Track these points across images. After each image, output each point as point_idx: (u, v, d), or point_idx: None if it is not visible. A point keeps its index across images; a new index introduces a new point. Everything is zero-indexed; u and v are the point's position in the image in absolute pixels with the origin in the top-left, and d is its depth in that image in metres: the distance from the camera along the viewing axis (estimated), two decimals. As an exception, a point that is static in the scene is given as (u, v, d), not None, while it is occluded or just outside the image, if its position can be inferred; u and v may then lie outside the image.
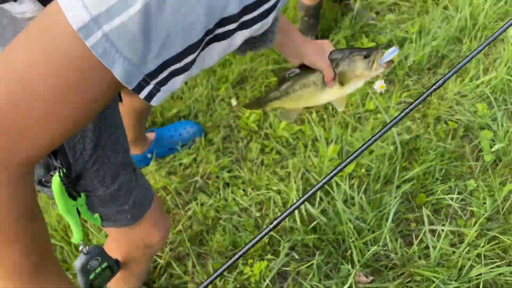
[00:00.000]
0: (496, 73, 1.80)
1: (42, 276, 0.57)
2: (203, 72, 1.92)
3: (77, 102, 0.44)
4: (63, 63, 0.41)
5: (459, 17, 1.98)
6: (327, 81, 1.01)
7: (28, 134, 0.44)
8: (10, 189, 0.47)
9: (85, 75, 0.42)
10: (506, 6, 2.09)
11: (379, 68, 1.00)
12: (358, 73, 1.02)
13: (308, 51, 1.00)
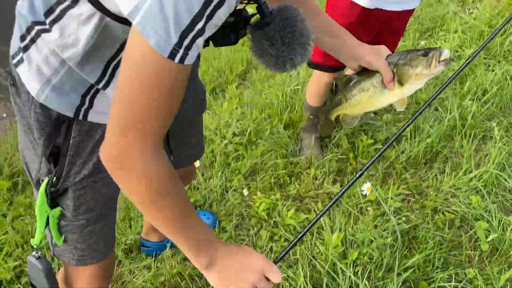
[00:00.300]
0: (486, 168, 1.96)
1: (190, 220, 0.77)
2: (218, 165, 2.11)
3: (174, 95, 0.67)
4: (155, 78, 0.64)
5: (448, 117, 2.19)
6: (386, 83, 1.01)
7: (153, 120, 0.67)
8: (160, 151, 0.70)
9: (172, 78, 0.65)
10: (493, 107, 2.31)
11: (438, 66, 0.99)
12: (418, 71, 1.01)
13: (363, 52, 1.03)
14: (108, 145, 0.69)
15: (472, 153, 2.07)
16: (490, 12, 2.90)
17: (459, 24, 2.92)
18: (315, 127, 2.18)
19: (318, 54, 1.83)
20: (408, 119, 2.23)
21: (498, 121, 2.22)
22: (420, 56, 0.99)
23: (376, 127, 2.26)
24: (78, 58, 0.79)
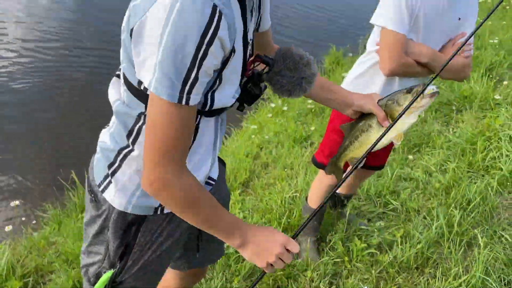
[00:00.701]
0: (473, 273, 2.06)
1: (220, 213, 1.00)
2: (219, 266, 2.22)
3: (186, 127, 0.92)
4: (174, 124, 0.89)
5: (436, 225, 2.35)
6: (381, 121, 1.16)
7: (176, 148, 0.91)
8: (186, 169, 0.95)
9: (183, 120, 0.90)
10: (477, 216, 2.47)
11: (423, 99, 1.10)
12: (402, 101, 1.13)
13: (355, 98, 1.23)
14: (149, 175, 0.92)
15: (460, 258, 2.18)
16: (471, 131, 3.20)
17: (443, 142, 3.21)
18: (314, 229, 2.33)
19: (323, 156, 2.06)
20: (399, 225, 2.38)
21: (482, 229, 2.36)
22: (405, 92, 1.14)
23: (369, 232, 2.41)
24: None
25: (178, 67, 0.83)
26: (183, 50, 0.81)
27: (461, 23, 1.79)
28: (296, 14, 7.26)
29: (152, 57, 0.83)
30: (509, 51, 4.72)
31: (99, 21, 5.97)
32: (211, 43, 0.83)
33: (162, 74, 0.83)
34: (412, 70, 1.77)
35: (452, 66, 1.78)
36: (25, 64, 4.91)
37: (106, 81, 1.13)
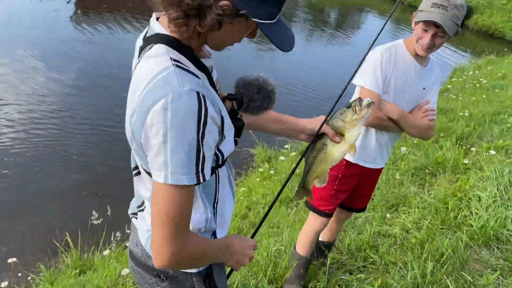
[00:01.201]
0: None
1: (210, 249, 1.14)
2: None
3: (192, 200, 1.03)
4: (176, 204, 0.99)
5: (410, 275, 2.52)
6: (332, 138, 1.32)
7: (184, 220, 1.02)
8: (190, 233, 1.06)
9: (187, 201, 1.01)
10: (450, 267, 2.65)
11: (363, 110, 1.25)
12: (349, 121, 1.28)
13: (305, 123, 1.38)
14: (162, 252, 1.00)
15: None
16: (444, 192, 3.46)
17: (419, 202, 3.45)
18: (299, 278, 2.48)
19: (314, 198, 2.29)
20: (378, 276, 2.52)
21: (455, 278, 2.53)
22: (345, 108, 1.29)
23: (349, 282, 2.56)
24: None
25: (189, 154, 0.94)
26: (188, 140, 0.93)
27: (426, 92, 2.12)
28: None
29: (160, 157, 0.95)
30: (479, 123, 5.14)
31: (98, 96, 6.37)
32: (206, 124, 0.95)
33: (175, 167, 0.94)
34: (384, 124, 2.06)
35: (419, 126, 2.09)
36: (19, 140, 5.18)
37: (101, 155, 1.32)
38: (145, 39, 1.06)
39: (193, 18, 0.95)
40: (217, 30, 0.97)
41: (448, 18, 1.83)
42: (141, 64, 1.02)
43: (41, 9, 9.26)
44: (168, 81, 0.94)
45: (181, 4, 0.93)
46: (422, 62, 2.06)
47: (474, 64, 9.65)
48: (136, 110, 0.98)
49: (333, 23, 13.58)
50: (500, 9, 14.70)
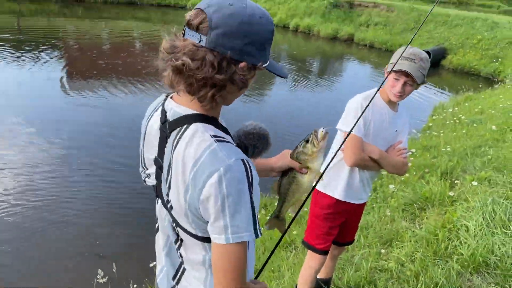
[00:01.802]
0: None
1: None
2: None
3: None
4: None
5: (408, 304, 2.65)
6: (299, 171, 1.45)
7: (244, 273, 1.14)
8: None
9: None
10: (445, 296, 2.79)
11: (320, 142, 1.39)
12: (309, 152, 1.41)
13: (273, 162, 1.50)
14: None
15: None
16: (434, 225, 3.64)
17: (411, 236, 3.62)
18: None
19: (311, 237, 2.48)
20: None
21: (449, 305, 2.66)
22: (305, 143, 1.43)
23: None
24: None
25: (247, 214, 1.08)
26: (245, 201, 1.08)
27: (398, 133, 2.39)
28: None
29: (219, 223, 1.09)
30: (461, 157, 5.40)
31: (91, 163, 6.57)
32: (253, 185, 1.10)
33: (236, 228, 1.08)
34: (367, 164, 2.30)
35: (396, 164, 2.33)
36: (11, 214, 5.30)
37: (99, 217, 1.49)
38: (174, 121, 1.20)
39: (225, 88, 1.14)
40: (246, 88, 1.18)
41: (416, 68, 2.13)
42: (184, 143, 1.15)
43: (33, 78, 9.62)
44: (216, 156, 1.09)
45: (212, 81, 1.11)
46: (393, 108, 2.34)
47: (453, 101, 10.10)
48: (190, 186, 1.12)
49: (316, 72, 14.17)
50: (472, 48, 15.47)
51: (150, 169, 1.36)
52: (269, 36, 1.17)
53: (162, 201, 1.32)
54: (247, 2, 1.14)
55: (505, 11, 33.85)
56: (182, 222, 1.23)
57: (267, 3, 20.86)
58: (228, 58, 1.10)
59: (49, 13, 17.76)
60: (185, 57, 1.10)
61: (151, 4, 21.62)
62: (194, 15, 1.12)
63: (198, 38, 1.10)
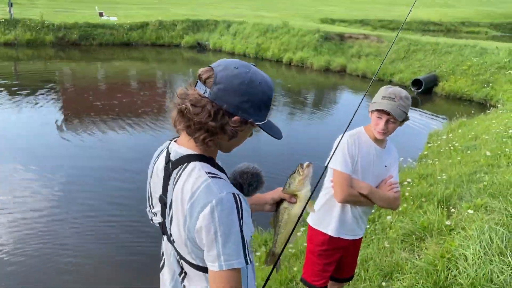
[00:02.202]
0: None
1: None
2: None
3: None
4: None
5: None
6: (289, 200, 1.58)
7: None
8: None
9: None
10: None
11: (305, 170, 1.52)
12: (297, 182, 1.54)
13: (267, 197, 1.65)
14: None
15: None
16: (433, 255, 3.64)
17: (411, 267, 3.62)
18: None
19: (307, 274, 2.51)
20: None
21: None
22: (292, 174, 1.58)
23: None
24: None
25: (237, 243, 1.21)
26: (235, 232, 1.22)
27: (388, 168, 2.46)
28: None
29: (213, 251, 1.22)
30: (457, 184, 5.44)
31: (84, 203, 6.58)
32: (243, 216, 1.24)
33: (227, 256, 1.21)
34: (357, 199, 2.35)
35: (387, 199, 2.38)
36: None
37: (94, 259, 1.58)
38: (176, 161, 1.35)
39: (217, 135, 1.31)
40: (236, 138, 1.34)
41: (396, 107, 2.22)
42: (183, 179, 1.30)
43: (30, 122, 9.73)
44: (209, 190, 1.24)
45: (206, 127, 1.28)
46: (381, 144, 2.41)
47: (447, 128, 10.22)
48: (188, 217, 1.26)
49: (311, 103, 14.37)
50: (463, 74, 15.75)
51: (156, 208, 1.49)
52: (265, 99, 1.34)
53: (167, 237, 1.45)
54: (252, 68, 1.33)
55: (493, 37, 34.67)
56: (184, 253, 1.36)
57: (259, 38, 21.33)
58: (223, 110, 1.29)
59: (45, 57, 18.09)
60: (189, 103, 1.29)
61: (145, 44, 22.04)
62: (205, 71, 1.32)
63: (204, 89, 1.29)
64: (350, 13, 35.59)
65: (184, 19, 23.78)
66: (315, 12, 33.43)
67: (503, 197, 4.39)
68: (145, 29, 22.52)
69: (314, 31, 20.57)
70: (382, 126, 2.29)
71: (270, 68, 19.45)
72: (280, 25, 21.72)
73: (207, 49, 21.97)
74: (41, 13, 21.19)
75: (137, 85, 14.50)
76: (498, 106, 12.88)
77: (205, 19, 24.15)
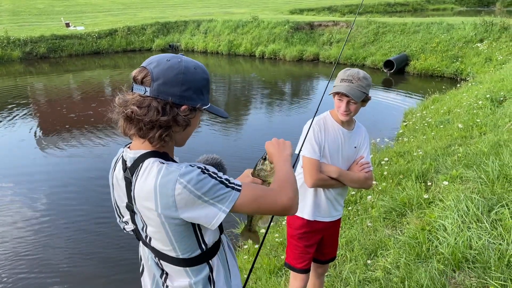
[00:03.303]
0: None
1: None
2: None
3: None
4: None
5: (397, 310, 2.72)
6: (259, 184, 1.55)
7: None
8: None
9: None
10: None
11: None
12: (269, 168, 1.55)
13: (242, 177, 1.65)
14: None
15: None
16: (414, 229, 3.75)
17: (394, 242, 3.72)
18: None
19: (290, 258, 2.62)
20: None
21: (437, 305, 2.74)
22: (262, 161, 1.60)
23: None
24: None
25: (219, 188, 1.27)
26: (212, 184, 1.28)
27: (357, 149, 2.52)
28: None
29: (209, 208, 1.27)
30: (433, 158, 5.58)
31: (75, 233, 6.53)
32: (208, 169, 1.34)
33: (222, 200, 1.28)
34: (327, 183, 2.42)
35: (357, 179, 2.45)
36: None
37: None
38: (132, 166, 1.36)
39: (171, 128, 1.33)
40: (190, 126, 1.37)
41: (354, 88, 2.30)
42: (143, 177, 1.30)
43: (6, 140, 9.56)
44: (169, 172, 1.25)
45: (159, 123, 1.30)
46: (348, 126, 2.47)
47: (421, 105, 10.42)
48: (160, 206, 1.26)
49: (288, 93, 14.46)
50: (432, 52, 16.04)
51: (126, 216, 1.50)
52: (204, 83, 1.38)
53: (143, 241, 1.46)
54: (182, 57, 1.36)
55: (459, 12, 35.34)
56: (164, 248, 1.37)
57: (231, 35, 21.31)
58: (170, 103, 1.30)
59: (14, 73, 17.72)
60: (133, 106, 1.29)
61: (116, 51, 21.79)
62: (138, 72, 1.33)
63: (143, 89, 1.30)
64: (317, 2, 35.79)
65: (153, 22, 23.59)
66: (283, 4, 33.55)
67: (477, 166, 4.53)
68: (114, 35, 22.27)
69: (283, 22, 20.66)
70: (344, 108, 2.36)
71: (243, 63, 19.46)
72: (250, 19, 21.73)
73: (179, 50, 21.84)
74: (5, 29, 20.77)
75: (110, 93, 14.34)
76: (468, 79, 13.18)
77: (174, 20, 23.99)
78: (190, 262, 1.39)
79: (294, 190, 1.39)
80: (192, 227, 1.35)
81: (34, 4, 31.09)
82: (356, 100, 2.31)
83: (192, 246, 1.38)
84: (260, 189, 1.37)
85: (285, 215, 1.38)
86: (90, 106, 12.07)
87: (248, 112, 11.99)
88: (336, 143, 2.45)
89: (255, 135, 9.62)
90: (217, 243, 1.46)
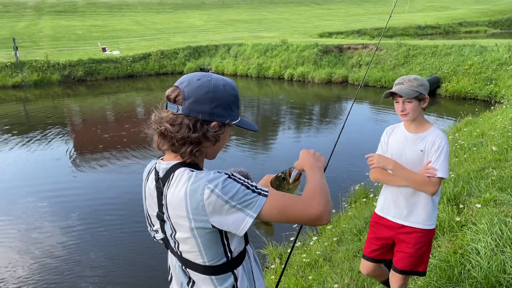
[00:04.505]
0: None
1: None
2: None
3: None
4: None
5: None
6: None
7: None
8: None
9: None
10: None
11: (292, 183, 1.58)
12: (286, 188, 1.59)
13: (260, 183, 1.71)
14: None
15: None
16: (446, 252, 3.66)
17: (424, 266, 3.63)
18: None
19: (367, 251, 2.85)
20: None
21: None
22: (281, 179, 1.63)
23: None
24: None
25: (246, 193, 1.33)
26: (238, 190, 1.33)
27: (424, 153, 2.54)
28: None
29: (238, 214, 1.32)
30: (466, 181, 5.46)
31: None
32: (235, 176, 1.39)
33: (250, 205, 1.32)
34: (385, 177, 2.64)
35: (412, 179, 2.47)
36: None
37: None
38: (164, 176, 1.43)
39: (201, 144, 1.41)
40: (220, 141, 1.45)
41: (405, 87, 2.47)
42: (174, 184, 1.37)
43: (43, 159, 9.93)
44: (198, 179, 1.32)
45: (190, 140, 1.38)
46: (414, 130, 2.61)
47: (453, 128, 10.23)
48: (191, 211, 1.32)
49: (316, 115, 14.49)
50: (465, 74, 15.79)
51: (156, 225, 1.56)
52: (233, 99, 1.45)
53: (171, 250, 1.53)
54: (212, 75, 1.44)
55: (493, 34, 34.73)
56: (191, 254, 1.42)
57: (260, 58, 21.63)
58: (200, 120, 1.38)
59: (53, 95, 18.52)
60: (166, 124, 1.38)
61: (149, 74, 22.48)
62: (171, 91, 1.43)
63: (176, 108, 1.39)
64: (346, 25, 35.98)
65: (185, 46, 24.26)
66: (312, 28, 33.87)
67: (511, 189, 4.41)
68: (148, 59, 23.01)
69: (312, 45, 20.84)
70: (400, 108, 2.52)
71: (272, 85, 19.67)
72: (279, 43, 22.04)
73: (209, 73, 22.26)
74: (45, 53, 21.80)
75: (143, 114, 14.76)
76: (502, 102, 12.87)
77: (205, 44, 24.60)
78: (215, 270, 1.44)
79: (324, 199, 1.39)
80: (220, 234, 1.39)
81: (73, 30, 32.54)
82: (407, 96, 2.45)
83: (219, 254, 1.42)
84: (288, 196, 1.40)
85: (314, 225, 1.42)
86: (123, 127, 12.45)
87: (276, 133, 12.06)
88: (398, 145, 2.64)
89: (283, 156, 9.64)
90: (242, 253, 1.50)
